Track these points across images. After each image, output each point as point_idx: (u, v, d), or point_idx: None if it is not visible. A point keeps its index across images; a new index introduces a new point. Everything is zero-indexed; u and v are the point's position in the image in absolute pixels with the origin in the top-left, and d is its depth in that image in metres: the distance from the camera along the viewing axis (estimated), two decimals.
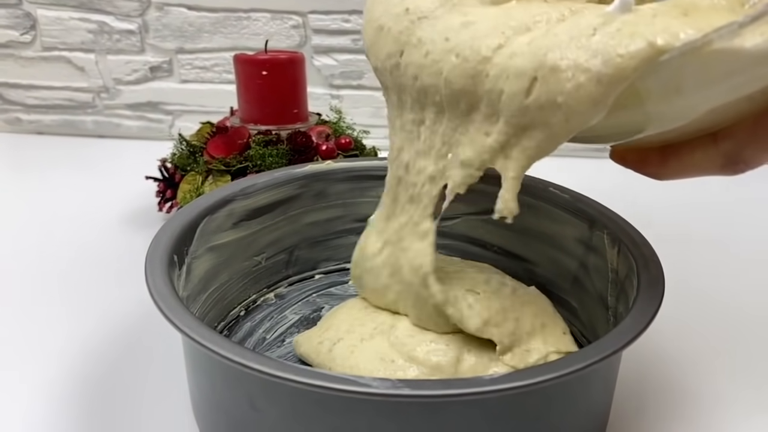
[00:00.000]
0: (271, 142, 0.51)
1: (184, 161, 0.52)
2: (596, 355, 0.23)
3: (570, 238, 0.37)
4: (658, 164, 0.24)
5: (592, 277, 0.36)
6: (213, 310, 0.37)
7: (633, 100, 0.21)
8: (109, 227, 0.55)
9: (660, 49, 0.19)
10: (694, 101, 0.21)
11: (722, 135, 0.22)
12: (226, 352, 0.22)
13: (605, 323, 0.34)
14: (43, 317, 0.41)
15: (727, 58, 0.18)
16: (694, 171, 0.24)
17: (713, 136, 0.22)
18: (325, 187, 0.42)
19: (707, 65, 0.19)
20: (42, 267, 0.47)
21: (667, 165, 0.24)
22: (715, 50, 0.18)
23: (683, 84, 0.20)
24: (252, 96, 0.53)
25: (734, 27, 0.18)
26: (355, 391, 0.20)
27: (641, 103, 0.21)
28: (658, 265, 0.29)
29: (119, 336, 0.39)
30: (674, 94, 0.20)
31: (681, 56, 0.19)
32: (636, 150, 0.26)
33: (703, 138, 0.23)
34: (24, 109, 0.83)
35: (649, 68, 0.19)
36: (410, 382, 0.21)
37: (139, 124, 0.83)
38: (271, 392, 0.24)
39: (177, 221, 0.33)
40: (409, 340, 0.31)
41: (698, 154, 0.23)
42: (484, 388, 0.21)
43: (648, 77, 0.20)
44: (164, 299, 0.25)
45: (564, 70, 0.21)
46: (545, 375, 0.21)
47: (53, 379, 0.35)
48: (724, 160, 0.22)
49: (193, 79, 0.80)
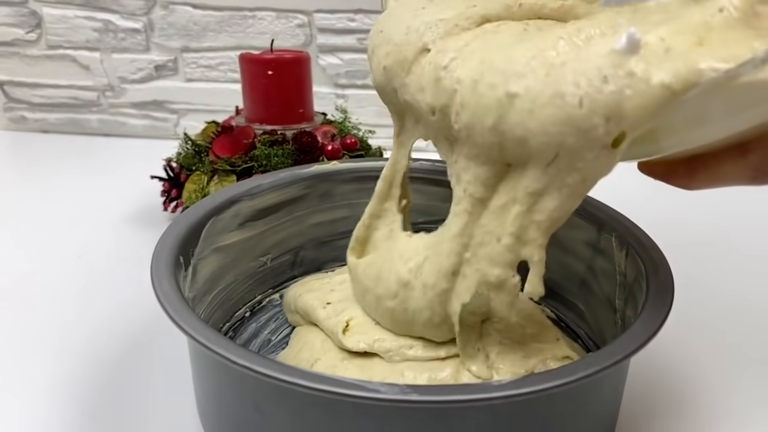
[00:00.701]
0: (276, 142, 0.50)
1: (190, 161, 0.51)
2: (606, 361, 0.22)
3: (578, 241, 0.37)
4: (686, 176, 0.24)
5: (600, 281, 0.35)
6: (218, 311, 0.36)
7: (651, 135, 0.21)
8: (114, 226, 0.55)
9: (678, 92, 0.17)
10: (716, 129, 0.20)
11: (750, 147, 0.22)
12: (232, 356, 0.22)
13: (613, 326, 0.33)
14: (47, 317, 0.41)
15: (751, 89, 0.18)
16: (723, 182, 0.23)
17: (741, 148, 0.22)
18: (331, 187, 0.42)
19: (730, 97, 0.18)
20: (46, 266, 0.47)
21: (696, 177, 0.24)
22: (739, 84, 0.17)
23: (706, 116, 0.19)
24: (257, 95, 0.53)
25: (757, 62, 0.17)
26: (363, 396, 0.20)
27: (661, 137, 0.21)
28: (667, 269, 0.29)
29: (124, 336, 0.39)
30: (697, 125, 0.20)
31: (703, 94, 0.18)
32: (663, 162, 0.25)
33: (731, 150, 0.22)
34: (29, 107, 0.83)
35: (668, 110, 0.18)
36: (419, 387, 0.21)
37: (144, 122, 0.83)
38: (277, 396, 0.24)
39: (183, 222, 0.33)
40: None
41: (726, 166, 0.23)
42: (493, 394, 0.21)
43: (669, 116, 0.19)
44: (171, 302, 0.25)
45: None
46: (554, 381, 0.21)
47: (57, 379, 0.34)
48: (752, 172, 0.22)
49: (198, 78, 0.80)
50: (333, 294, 0.36)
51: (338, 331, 0.31)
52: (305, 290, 0.37)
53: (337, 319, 0.32)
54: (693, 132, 0.21)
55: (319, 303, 0.35)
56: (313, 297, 0.35)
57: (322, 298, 0.35)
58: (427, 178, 0.43)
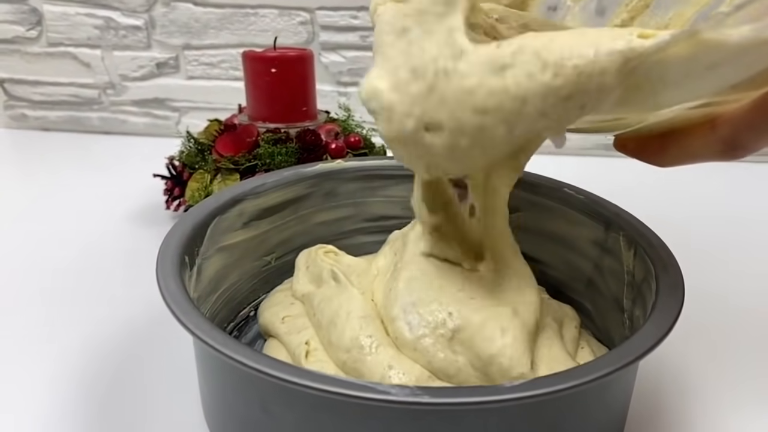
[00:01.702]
0: (280, 140, 0.50)
1: (192, 159, 0.51)
2: (617, 363, 0.22)
3: (585, 240, 0.37)
4: (658, 152, 0.25)
5: (607, 280, 0.35)
6: (223, 310, 0.36)
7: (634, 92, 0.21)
8: (117, 225, 0.54)
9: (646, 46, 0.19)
10: (681, 93, 0.20)
11: (720, 122, 0.22)
12: (240, 357, 0.22)
13: (620, 326, 0.33)
14: (50, 317, 0.40)
15: (711, 48, 0.18)
16: (695, 158, 0.24)
17: (710, 123, 0.22)
18: (335, 186, 0.42)
19: (693, 57, 0.19)
20: (48, 265, 0.47)
21: (667, 152, 0.24)
22: (702, 39, 0.18)
23: (669, 77, 0.20)
24: (260, 93, 0.53)
25: (720, 17, 0.17)
26: (372, 398, 0.20)
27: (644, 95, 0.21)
28: (677, 269, 0.29)
29: (127, 336, 0.38)
30: (661, 87, 0.20)
31: (669, 48, 0.18)
32: (636, 138, 0.26)
33: (701, 125, 0.23)
34: (30, 105, 0.83)
35: (640, 63, 0.19)
36: (430, 389, 0.21)
37: (146, 120, 0.83)
38: (284, 397, 0.23)
39: (187, 221, 0.33)
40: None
41: (697, 141, 0.23)
42: (504, 396, 0.20)
43: (642, 72, 0.20)
44: (178, 302, 0.25)
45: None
46: (566, 383, 0.21)
47: (61, 379, 0.34)
48: (722, 146, 0.22)
49: (200, 75, 0.80)
50: (293, 307, 0.35)
51: (301, 354, 0.30)
52: (268, 306, 0.36)
53: (298, 339, 0.31)
54: (661, 93, 0.21)
55: (277, 318, 0.34)
56: (272, 313, 0.35)
57: (280, 313, 0.34)
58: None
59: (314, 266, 0.36)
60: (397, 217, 0.44)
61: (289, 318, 0.34)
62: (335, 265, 0.35)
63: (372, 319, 0.29)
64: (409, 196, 0.43)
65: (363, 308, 0.29)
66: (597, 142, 0.75)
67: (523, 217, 0.40)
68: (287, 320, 0.33)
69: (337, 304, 0.31)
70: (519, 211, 0.41)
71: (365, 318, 0.29)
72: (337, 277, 0.33)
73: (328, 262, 0.36)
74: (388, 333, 0.29)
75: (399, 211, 0.44)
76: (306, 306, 0.34)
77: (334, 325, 0.29)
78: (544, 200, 0.39)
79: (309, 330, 0.32)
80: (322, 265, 0.35)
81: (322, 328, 0.31)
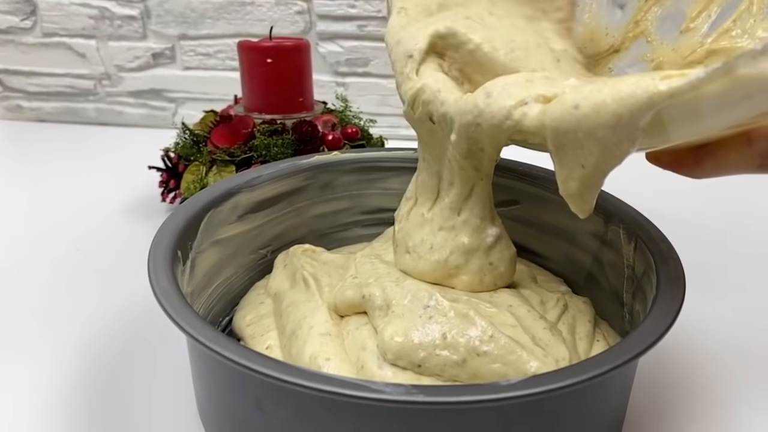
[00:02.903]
0: (276, 131, 0.49)
1: (188, 151, 0.51)
2: (616, 360, 0.22)
3: (584, 233, 0.36)
4: (693, 165, 0.24)
5: (607, 273, 0.35)
6: (218, 305, 0.36)
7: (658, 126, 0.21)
8: (112, 218, 0.54)
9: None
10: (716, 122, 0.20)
11: (756, 135, 0.22)
12: (233, 355, 0.21)
13: (620, 320, 0.33)
14: (42, 312, 0.40)
15: (747, 82, 0.18)
16: (730, 170, 0.23)
17: (747, 136, 0.22)
18: (332, 178, 0.41)
19: (728, 91, 0.19)
20: (41, 258, 0.47)
21: (703, 166, 0.24)
22: (737, 77, 0.18)
23: (702, 111, 0.19)
24: (256, 84, 0.52)
25: (756, 54, 0.17)
26: (367, 397, 0.20)
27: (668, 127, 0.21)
28: (678, 263, 0.28)
29: (121, 332, 0.38)
30: (694, 119, 0.20)
31: (703, 85, 0.18)
32: (670, 152, 0.25)
33: (737, 138, 0.22)
34: (25, 96, 0.82)
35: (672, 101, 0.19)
36: (424, 388, 0.20)
37: (142, 111, 0.82)
38: (279, 395, 0.23)
39: (180, 215, 0.32)
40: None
41: (733, 154, 0.22)
42: (501, 395, 0.20)
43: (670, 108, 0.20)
44: (169, 299, 0.24)
45: None
46: (563, 381, 0.21)
47: (53, 376, 0.34)
48: (760, 160, 0.22)
49: (196, 66, 0.79)
50: (262, 306, 0.35)
51: None
52: (240, 307, 0.36)
53: (261, 343, 0.31)
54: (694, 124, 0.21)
55: (243, 321, 0.34)
56: (240, 316, 0.35)
57: (247, 315, 0.34)
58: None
59: (291, 265, 0.36)
60: (394, 209, 0.43)
61: (256, 319, 0.33)
62: (307, 269, 0.34)
63: (332, 338, 0.28)
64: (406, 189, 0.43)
65: (325, 325, 0.29)
66: None
67: (521, 208, 0.40)
68: (253, 322, 0.33)
69: (301, 314, 0.30)
70: (518, 203, 0.40)
71: (325, 336, 0.28)
72: (307, 282, 0.33)
73: (304, 262, 0.35)
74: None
75: (397, 204, 0.43)
76: (275, 304, 0.34)
77: (296, 337, 0.29)
78: (543, 192, 0.38)
79: (272, 333, 0.32)
80: (296, 265, 0.35)
81: (284, 335, 0.30)
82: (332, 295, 0.31)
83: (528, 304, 0.29)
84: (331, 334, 0.29)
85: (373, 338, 0.28)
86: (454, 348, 0.26)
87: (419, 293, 0.28)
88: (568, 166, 0.23)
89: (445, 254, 0.29)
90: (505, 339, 0.26)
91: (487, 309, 0.28)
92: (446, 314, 0.27)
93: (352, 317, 0.30)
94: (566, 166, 0.23)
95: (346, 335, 0.29)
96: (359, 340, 0.28)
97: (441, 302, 0.28)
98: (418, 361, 0.26)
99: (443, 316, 0.27)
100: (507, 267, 0.31)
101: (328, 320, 0.29)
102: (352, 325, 0.29)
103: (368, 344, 0.27)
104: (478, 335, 0.26)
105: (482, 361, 0.25)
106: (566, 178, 0.24)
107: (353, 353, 0.28)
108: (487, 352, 0.25)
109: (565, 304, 0.31)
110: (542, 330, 0.28)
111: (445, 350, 0.26)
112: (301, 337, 0.29)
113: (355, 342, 0.28)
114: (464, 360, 0.25)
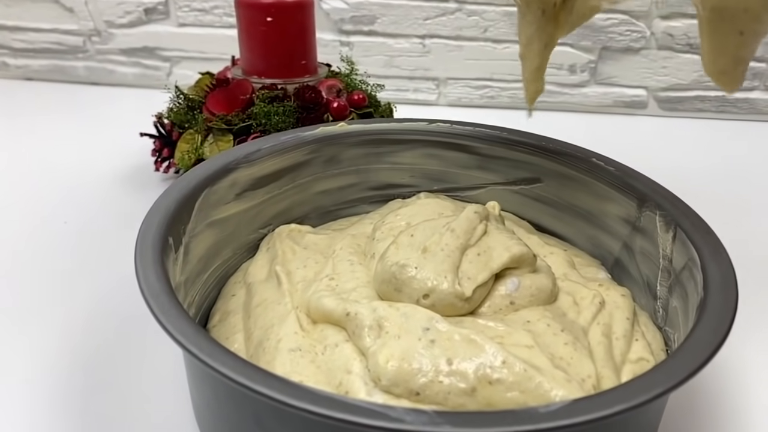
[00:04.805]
0: (276, 98, 0.46)
1: (182, 117, 0.47)
2: (667, 382, 0.19)
3: (613, 216, 0.33)
4: None
5: (638, 262, 0.32)
6: (215, 290, 0.33)
7: None
8: (104, 188, 0.51)
9: None
10: None
11: None
12: (230, 372, 0.19)
13: (652, 313, 0.30)
14: (24, 302, 0.37)
15: None
16: None
17: None
18: (338, 152, 0.38)
19: None
20: (29, 232, 0.44)
21: None
22: None
23: None
24: (255, 45, 0.48)
25: None
26: (385, 428, 0.17)
27: None
28: (727, 260, 0.25)
29: (114, 326, 0.35)
30: None
31: None
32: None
33: None
34: (10, 52, 0.78)
35: None
36: (450, 416, 0.17)
37: (135, 71, 0.78)
38: (282, 415, 0.20)
39: (171, 197, 0.29)
40: None
41: None
42: (539, 426, 0.17)
43: None
44: (160, 305, 0.21)
45: None
46: (611, 409, 0.18)
47: (40, 372, 0.31)
48: None
49: (192, 22, 0.74)
50: (233, 300, 0.32)
51: None
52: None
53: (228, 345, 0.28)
54: None
55: (212, 321, 0.31)
56: (212, 312, 0.32)
57: (215, 313, 0.32)
58: (445, 142, 0.38)
59: (273, 249, 0.33)
60: (404, 185, 0.40)
61: (223, 317, 0.31)
62: (280, 261, 0.31)
63: (303, 354, 0.25)
64: (417, 163, 0.39)
65: (294, 338, 0.26)
66: (617, 99, 0.71)
67: (543, 187, 0.37)
68: (219, 322, 0.30)
69: (269, 321, 0.27)
70: (540, 182, 0.37)
71: (295, 353, 0.25)
72: (279, 278, 0.30)
73: (285, 247, 0.33)
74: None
75: (407, 179, 0.40)
76: (246, 297, 0.31)
77: (264, 350, 0.26)
78: (569, 170, 0.35)
79: (239, 336, 0.29)
80: (276, 250, 0.32)
81: (251, 342, 0.27)
82: (305, 297, 0.28)
83: (550, 317, 0.26)
84: (301, 349, 0.25)
85: (359, 360, 0.24)
86: (461, 375, 0.23)
87: (416, 314, 0.25)
88: (723, 34, 0.20)
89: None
90: (521, 364, 0.23)
91: (496, 329, 0.25)
92: (450, 338, 0.24)
93: (327, 329, 0.26)
94: (721, 34, 0.20)
95: (322, 350, 0.25)
96: (341, 361, 0.24)
97: (442, 325, 0.25)
98: (417, 388, 0.23)
99: (447, 339, 0.24)
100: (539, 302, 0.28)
101: (297, 331, 0.26)
102: (329, 340, 0.26)
103: (354, 367, 0.24)
104: (488, 361, 0.23)
105: (496, 389, 0.22)
106: (719, 51, 0.21)
107: (334, 375, 0.24)
108: (500, 379, 0.22)
109: (601, 301, 0.28)
110: (563, 346, 0.24)
111: (451, 377, 0.23)
112: (269, 351, 0.26)
113: (335, 363, 0.24)
114: (474, 388, 0.22)
